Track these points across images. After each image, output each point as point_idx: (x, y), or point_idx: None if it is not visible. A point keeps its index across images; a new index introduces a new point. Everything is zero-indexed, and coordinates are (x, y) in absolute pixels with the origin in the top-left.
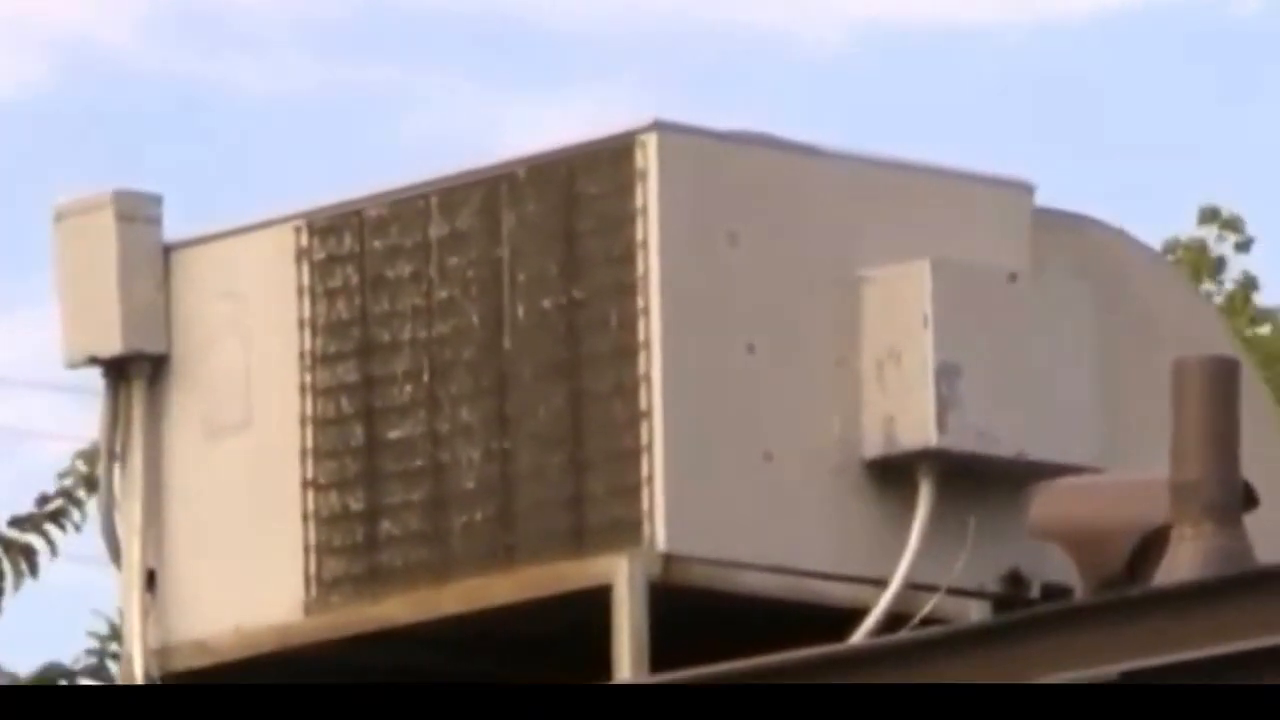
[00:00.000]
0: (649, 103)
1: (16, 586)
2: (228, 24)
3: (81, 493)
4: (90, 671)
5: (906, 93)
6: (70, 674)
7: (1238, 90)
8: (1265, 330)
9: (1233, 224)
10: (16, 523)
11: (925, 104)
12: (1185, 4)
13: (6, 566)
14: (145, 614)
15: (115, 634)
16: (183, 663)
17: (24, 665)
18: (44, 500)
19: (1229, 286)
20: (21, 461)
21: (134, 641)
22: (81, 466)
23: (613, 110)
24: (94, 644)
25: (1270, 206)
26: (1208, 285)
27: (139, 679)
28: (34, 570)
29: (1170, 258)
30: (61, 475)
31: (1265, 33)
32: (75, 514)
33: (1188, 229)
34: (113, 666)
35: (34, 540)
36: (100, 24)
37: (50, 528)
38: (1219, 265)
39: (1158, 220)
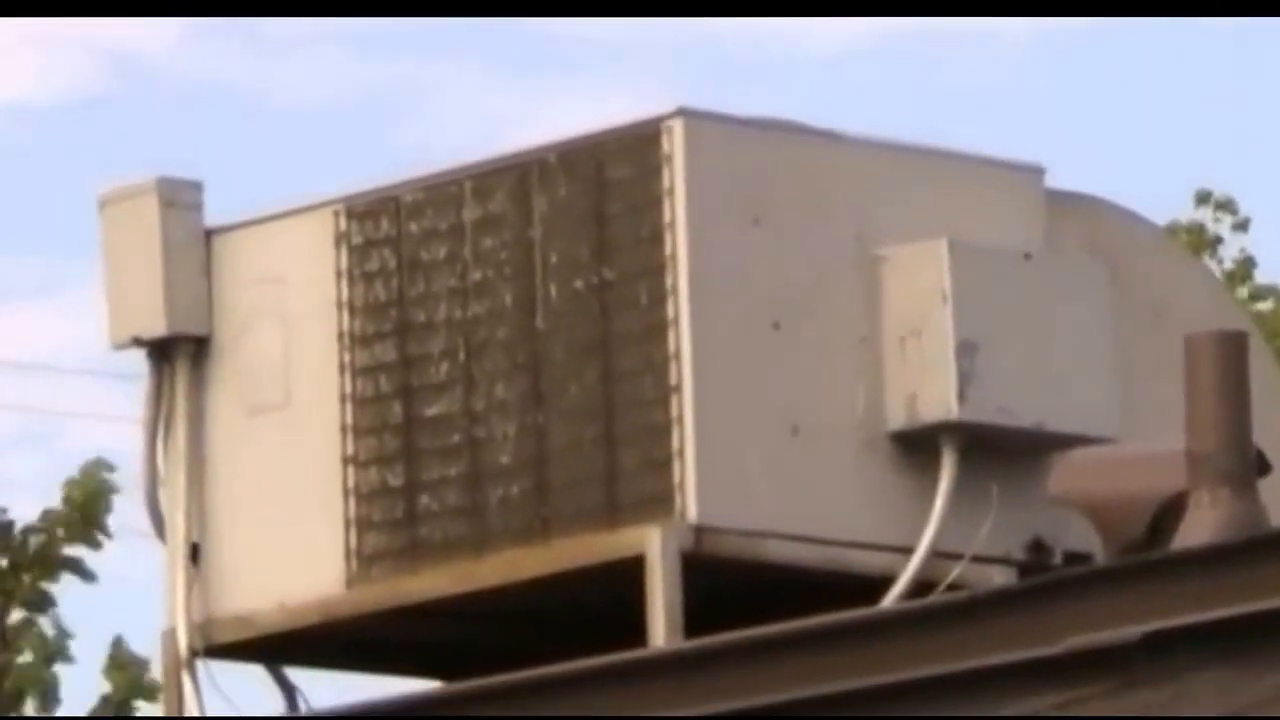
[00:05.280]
0: (672, 93)
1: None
2: (264, 29)
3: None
4: None
5: (919, 84)
6: None
7: (1230, 80)
8: (1266, 305)
9: (1226, 205)
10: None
11: (937, 94)
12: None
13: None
14: (189, 587)
15: None
16: (226, 636)
17: None
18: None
19: (1228, 265)
20: (65, 443)
21: (178, 615)
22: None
23: (636, 102)
24: None
25: (1265, 188)
26: (1208, 263)
27: (183, 652)
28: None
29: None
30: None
31: (1254, 30)
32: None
33: (1186, 211)
34: None
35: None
36: (147, 33)
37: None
38: (1215, 245)
39: (1157, 203)
